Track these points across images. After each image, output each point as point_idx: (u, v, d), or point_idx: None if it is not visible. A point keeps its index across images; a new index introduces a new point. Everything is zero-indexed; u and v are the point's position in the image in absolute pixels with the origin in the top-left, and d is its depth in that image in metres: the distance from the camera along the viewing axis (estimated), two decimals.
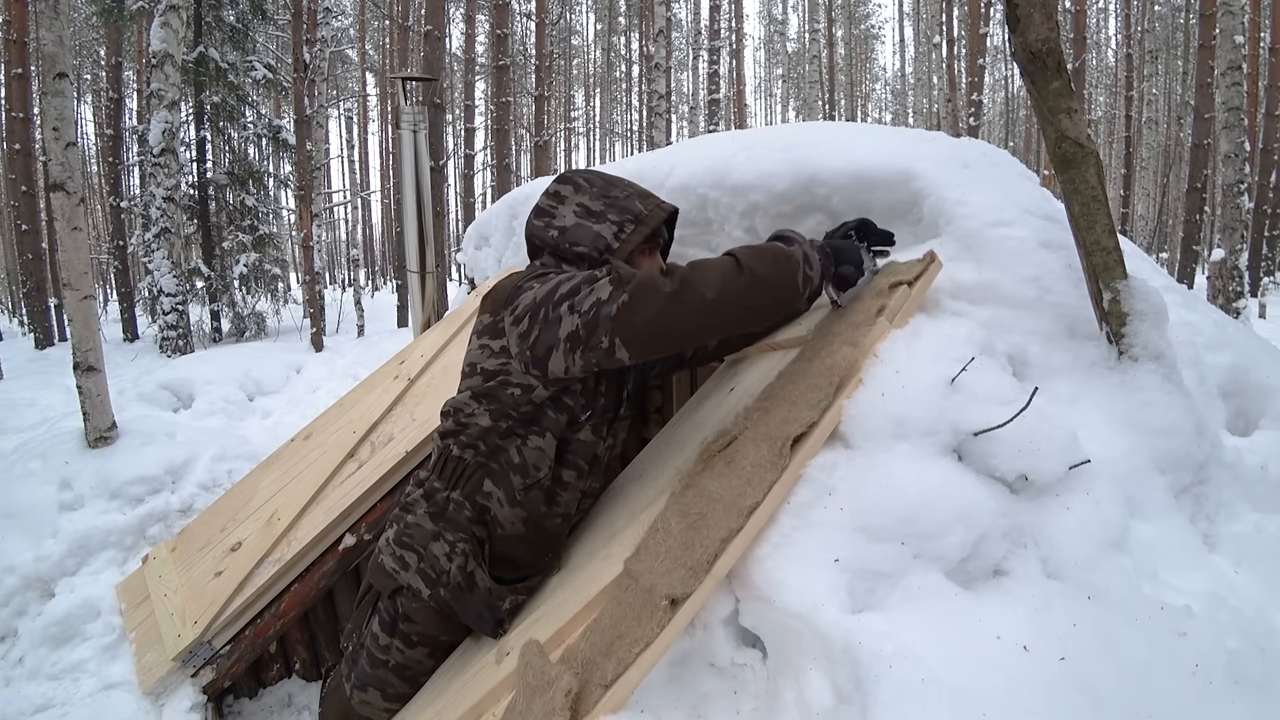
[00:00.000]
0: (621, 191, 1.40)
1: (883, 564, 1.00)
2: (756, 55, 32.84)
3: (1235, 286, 6.84)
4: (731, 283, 1.09)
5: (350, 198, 24.48)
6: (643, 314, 1.08)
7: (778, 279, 1.13)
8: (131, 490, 2.76)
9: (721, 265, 1.11)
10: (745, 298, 1.10)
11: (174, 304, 7.60)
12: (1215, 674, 0.92)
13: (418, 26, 12.75)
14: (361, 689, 1.46)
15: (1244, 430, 1.48)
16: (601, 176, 1.42)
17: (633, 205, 1.38)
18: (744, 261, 1.10)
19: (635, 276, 1.11)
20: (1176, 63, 18.15)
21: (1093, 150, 1.27)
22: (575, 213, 1.37)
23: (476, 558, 1.35)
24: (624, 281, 1.11)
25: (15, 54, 8.56)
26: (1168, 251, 17.37)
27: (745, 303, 1.11)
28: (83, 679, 2.06)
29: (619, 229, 1.35)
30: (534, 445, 1.31)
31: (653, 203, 1.41)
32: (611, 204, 1.37)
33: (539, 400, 1.28)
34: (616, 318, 1.09)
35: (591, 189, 1.40)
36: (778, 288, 1.13)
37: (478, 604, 1.35)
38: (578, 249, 1.35)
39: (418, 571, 1.36)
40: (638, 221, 1.37)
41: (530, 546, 1.39)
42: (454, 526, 1.34)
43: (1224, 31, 6.87)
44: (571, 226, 1.37)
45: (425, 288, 3.12)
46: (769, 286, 1.12)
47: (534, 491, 1.33)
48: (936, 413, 1.10)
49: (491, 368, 1.29)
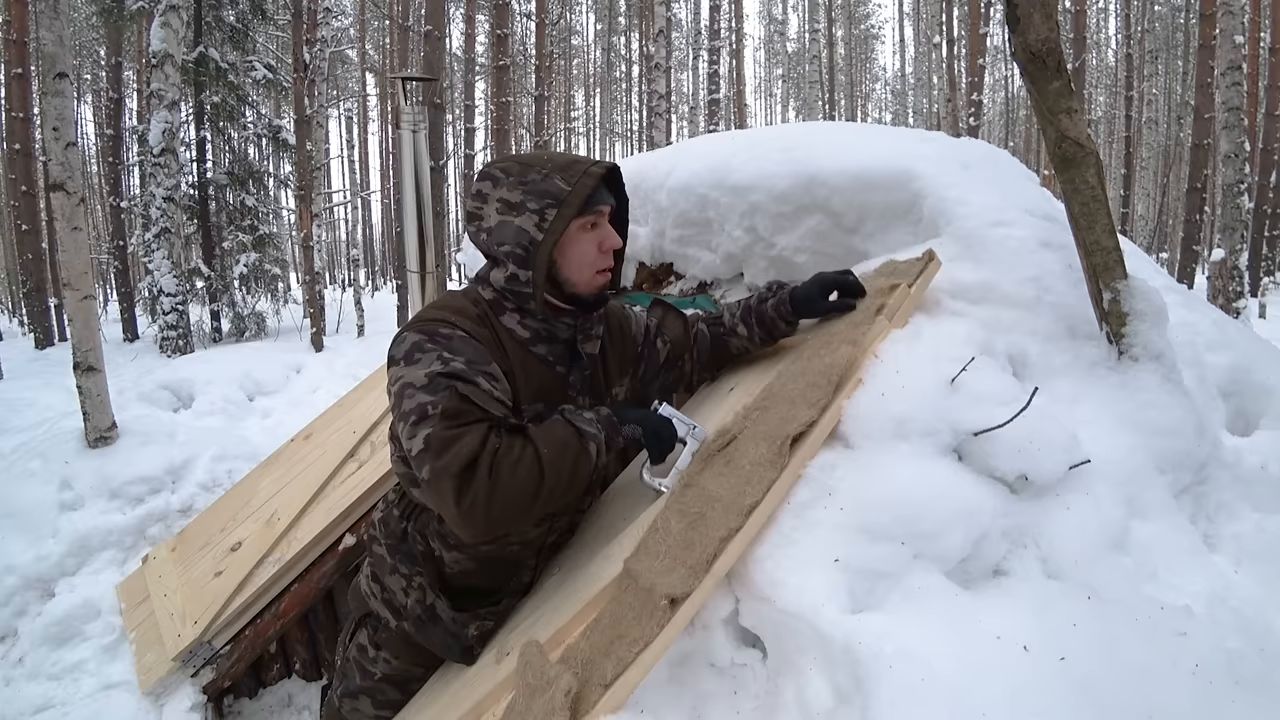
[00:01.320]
0: (539, 172, 1.21)
1: (883, 564, 1.00)
2: (756, 55, 32.86)
3: (1235, 286, 6.84)
4: (527, 503, 1.07)
5: (350, 198, 24.48)
6: (434, 503, 1.09)
7: (572, 482, 1.12)
8: (131, 490, 2.76)
9: (526, 485, 1.07)
10: (537, 508, 1.10)
11: (174, 304, 7.60)
12: (1215, 674, 0.92)
13: (418, 26, 12.75)
14: (352, 697, 1.46)
15: (1244, 430, 1.48)
16: (518, 161, 1.25)
17: (551, 186, 1.19)
18: (548, 480, 1.08)
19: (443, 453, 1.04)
20: (1176, 63, 18.15)
21: (1093, 150, 1.27)
22: (498, 209, 1.22)
23: (434, 589, 1.30)
24: (430, 451, 1.05)
25: (15, 54, 8.57)
26: (1168, 251, 17.37)
27: (534, 510, 1.10)
28: (83, 679, 2.06)
29: (540, 218, 1.19)
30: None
31: (577, 171, 1.21)
32: (529, 190, 1.20)
33: None
34: (422, 486, 1.08)
35: (508, 179, 1.22)
36: (570, 489, 1.13)
37: (442, 634, 1.31)
38: (504, 248, 1.21)
39: (383, 602, 1.35)
40: (559, 203, 1.19)
41: (489, 576, 1.34)
42: (409, 560, 1.30)
43: (1224, 31, 6.87)
44: (496, 226, 1.22)
45: (425, 288, 3.12)
46: (563, 489, 1.11)
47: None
48: (936, 413, 1.10)
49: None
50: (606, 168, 1.25)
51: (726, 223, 1.91)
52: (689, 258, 2.12)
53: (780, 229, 1.80)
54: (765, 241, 1.85)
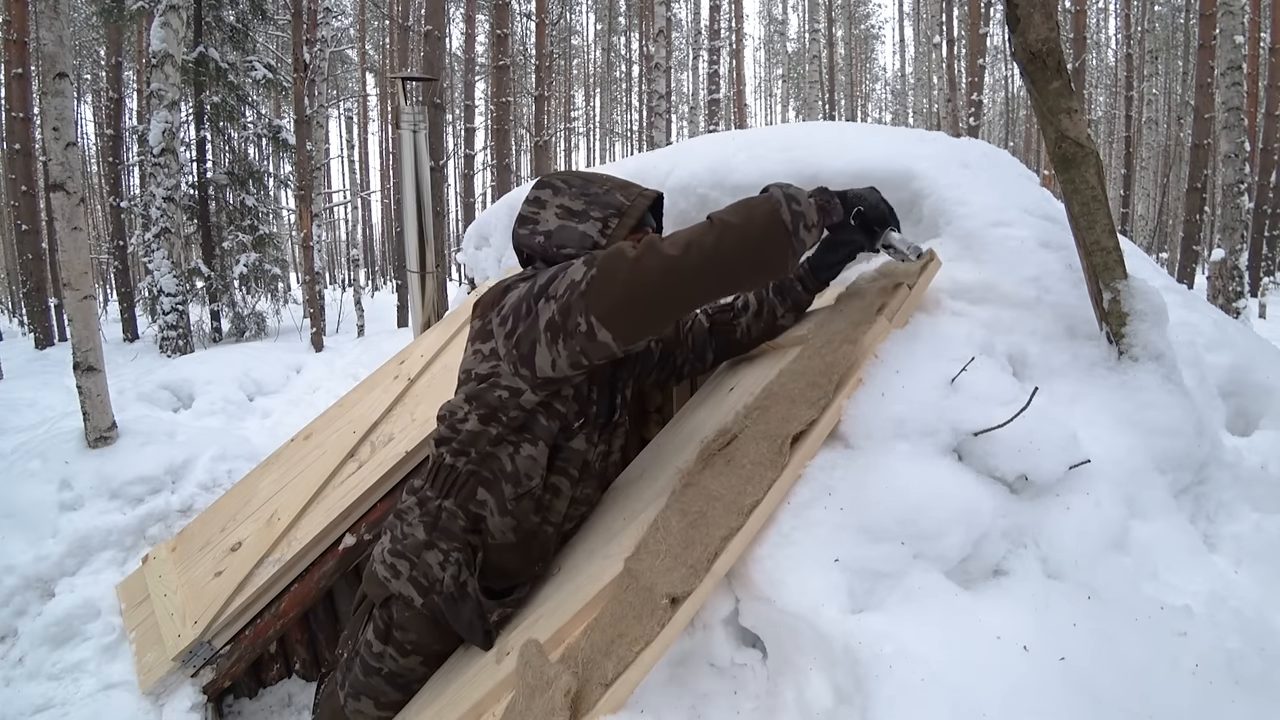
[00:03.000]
0: (600, 187, 1.38)
1: (883, 564, 1.00)
2: (756, 55, 32.86)
3: (1235, 286, 6.84)
4: (701, 236, 1.07)
5: (350, 198, 24.48)
6: (613, 285, 1.07)
7: (751, 223, 1.09)
8: (131, 490, 2.76)
9: (691, 227, 1.10)
10: (719, 249, 1.07)
11: (174, 304, 7.60)
12: (1215, 674, 0.92)
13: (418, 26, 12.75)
14: (355, 697, 1.46)
15: (1244, 430, 1.48)
16: (579, 175, 1.41)
17: (613, 198, 1.36)
18: (714, 216, 1.10)
19: (607, 254, 1.10)
20: (1176, 63, 18.14)
21: (1093, 150, 1.27)
22: (558, 215, 1.36)
23: (470, 567, 1.34)
24: (594, 260, 1.11)
25: (15, 54, 8.56)
26: (1168, 251, 17.37)
27: (720, 255, 1.07)
28: (83, 679, 2.06)
29: (603, 224, 1.34)
30: (526, 454, 1.29)
31: (634, 192, 1.38)
32: (592, 201, 1.36)
33: (529, 406, 1.26)
34: (588, 294, 1.09)
35: (570, 189, 1.38)
36: (755, 233, 1.09)
37: (470, 613, 1.34)
38: (565, 250, 1.34)
39: (409, 580, 1.35)
40: (621, 214, 1.35)
41: (521, 556, 1.38)
42: (448, 536, 1.33)
43: (1224, 31, 6.87)
44: (556, 229, 1.35)
45: (425, 288, 3.12)
46: (744, 233, 1.08)
47: (525, 500, 1.32)
48: (936, 413, 1.10)
49: (483, 371, 1.28)
50: (655, 195, 1.40)
51: None
52: None
53: None
54: None
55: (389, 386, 2.43)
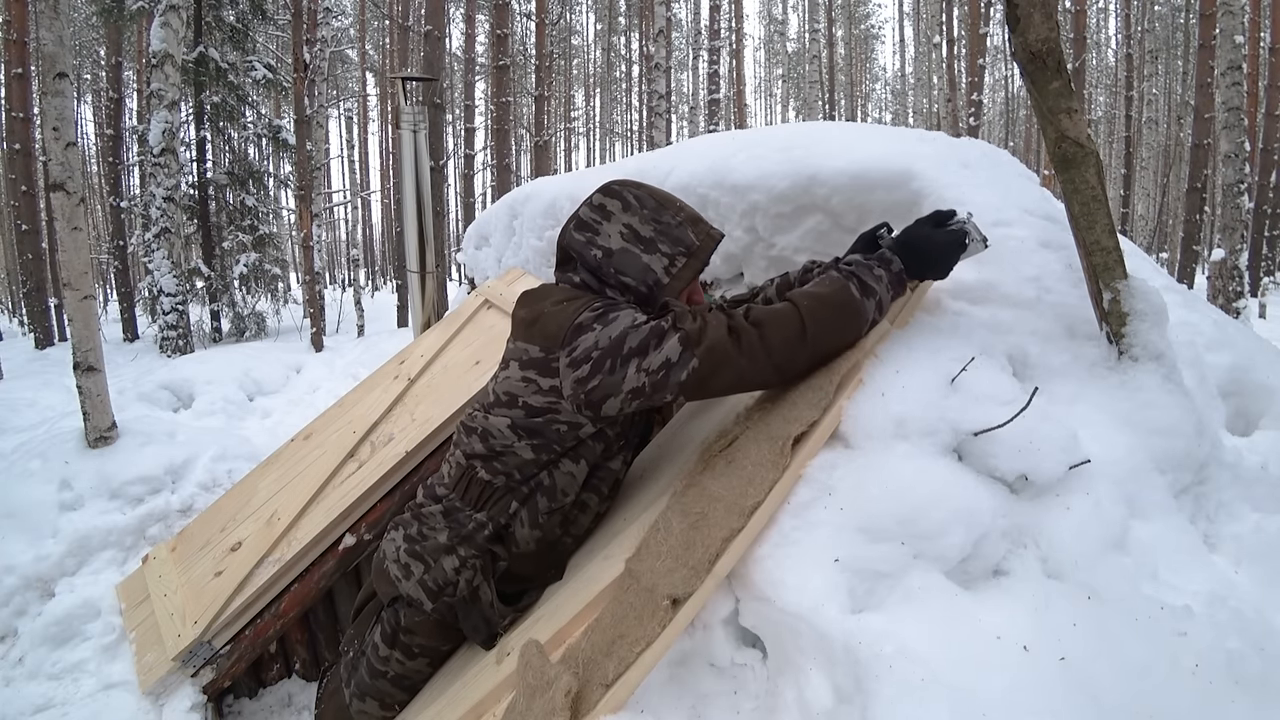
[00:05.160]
0: (674, 217, 1.28)
1: (883, 564, 1.00)
2: (756, 55, 32.85)
3: (1235, 286, 6.84)
4: (793, 349, 1.12)
5: (350, 198, 24.47)
6: (712, 379, 1.12)
7: (842, 341, 1.15)
8: (131, 490, 2.76)
9: (786, 329, 1.11)
10: (803, 360, 1.14)
11: (174, 304, 7.60)
12: (1215, 674, 0.92)
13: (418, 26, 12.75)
14: (360, 698, 1.46)
15: (1244, 430, 1.48)
16: (653, 196, 1.30)
17: (685, 235, 1.27)
18: (809, 327, 1.11)
19: (704, 337, 1.11)
20: (1176, 63, 18.14)
21: (1093, 150, 1.27)
22: (622, 234, 1.26)
23: (485, 573, 1.34)
24: (693, 343, 1.11)
25: (15, 54, 8.56)
26: (1168, 251, 17.37)
27: (802, 363, 1.15)
28: (83, 679, 2.06)
29: (670, 262, 1.26)
30: (566, 470, 1.29)
31: (704, 230, 1.30)
32: (663, 231, 1.26)
33: (584, 436, 1.27)
34: (686, 383, 1.12)
35: (642, 210, 1.27)
36: (840, 347, 1.16)
37: (478, 617, 1.35)
38: (624, 279, 1.26)
39: (419, 582, 1.35)
40: (690, 255, 1.27)
41: (538, 564, 1.39)
42: (470, 544, 1.33)
43: (1224, 31, 6.87)
44: (618, 251, 1.26)
45: (425, 288, 3.12)
46: (831, 349, 1.15)
47: (555, 515, 1.33)
48: (936, 413, 1.10)
49: (537, 404, 1.24)
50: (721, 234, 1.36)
51: (726, 222, 1.91)
52: None
53: (780, 229, 1.80)
54: (765, 241, 1.85)
55: (389, 386, 2.43)
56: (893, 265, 1.18)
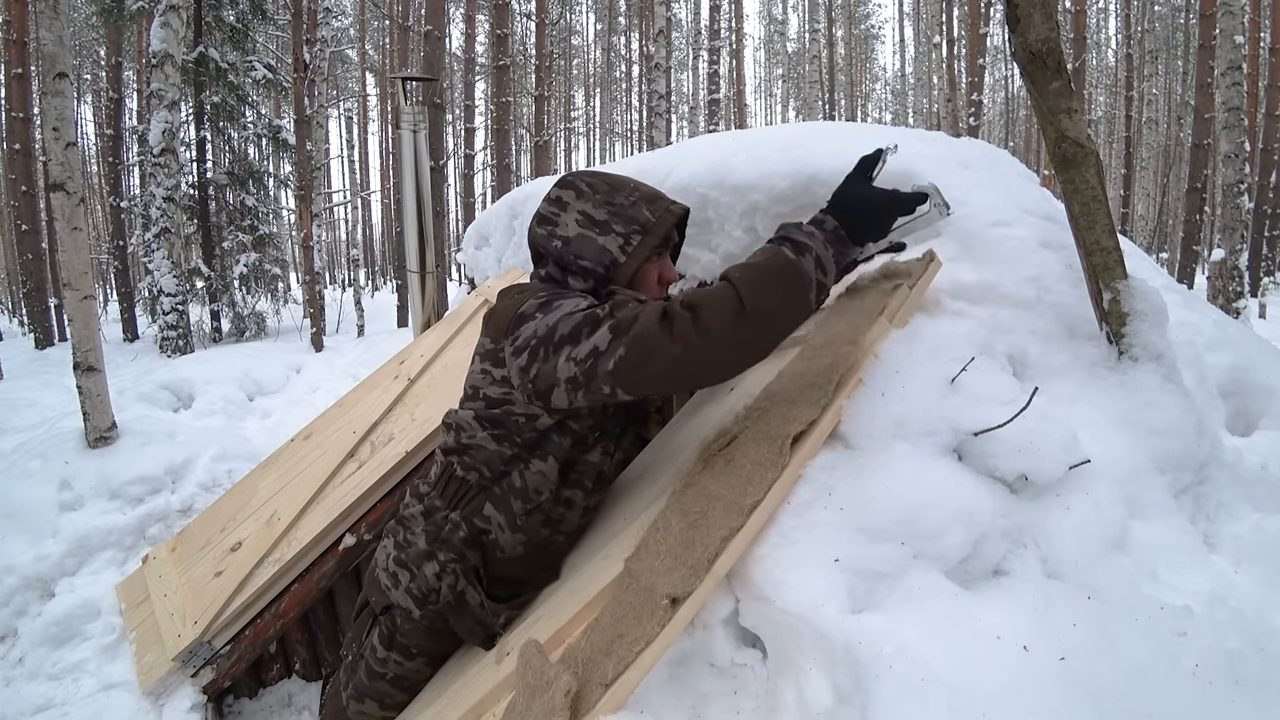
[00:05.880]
0: (627, 197, 1.29)
1: (883, 564, 1.00)
2: (756, 55, 32.86)
3: (1235, 286, 6.84)
4: (734, 327, 1.00)
5: (350, 198, 24.49)
6: (641, 369, 1.03)
7: (786, 308, 1.03)
8: (131, 490, 2.76)
9: (722, 307, 1.00)
10: (751, 337, 1.02)
11: (174, 304, 7.60)
12: (1215, 674, 0.92)
13: (418, 26, 12.75)
14: (359, 699, 1.46)
15: (1244, 430, 1.48)
16: (605, 180, 1.32)
17: (639, 213, 1.28)
18: (746, 299, 1.00)
19: (633, 323, 1.03)
20: (1176, 63, 18.15)
21: (1093, 150, 1.27)
22: (578, 221, 1.28)
23: (468, 577, 1.33)
24: (621, 330, 1.04)
25: (15, 54, 8.56)
26: (1168, 251, 17.37)
27: (751, 341, 1.03)
28: (83, 679, 2.06)
29: (625, 241, 1.27)
30: (536, 469, 1.28)
31: (661, 206, 1.30)
32: (616, 212, 1.28)
33: (544, 427, 1.25)
34: (614, 371, 1.04)
35: (595, 195, 1.30)
36: (787, 316, 1.04)
37: (470, 620, 1.34)
38: (582, 263, 1.27)
39: (407, 591, 1.35)
40: (645, 231, 1.27)
41: (529, 566, 1.38)
42: (448, 547, 1.33)
43: (1224, 31, 6.87)
44: (575, 238, 1.28)
45: (425, 288, 3.12)
46: (778, 318, 1.03)
47: (534, 515, 1.31)
48: (936, 413, 1.10)
49: (495, 395, 1.25)
50: (684, 209, 1.33)
51: (726, 223, 1.91)
52: (689, 257, 2.12)
53: None
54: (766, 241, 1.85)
55: (389, 386, 2.43)
56: (826, 224, 1.10)
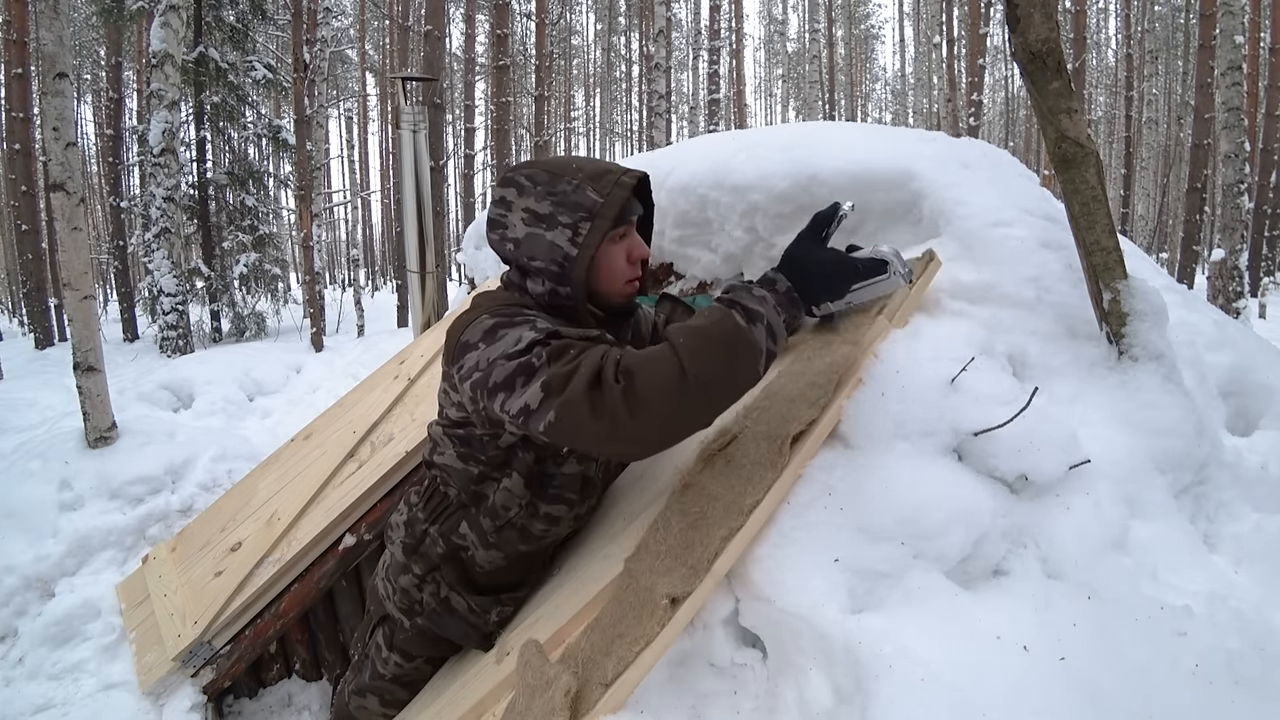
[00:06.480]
0: (569, 182, 1.16)
1: (883, 564, 1.00)
2: (756, 55, 32.86)
3: (1235, 286, 6.85)
4: (672, 396, 0.91)
5: (350, 198, 24.50)
6: (573, 437, 0.97)
7: (732, 377, 0.95)
8: (131, 490, 2.76)
9: (661, 374, 0.92)
10: (690, 408, 0.93)
11: (174, 304, 7.60)
12: (1215, 674, 0.92)
13: (418, 26, 12.76)
14: (360, 694, 1.48)
15: (1244, 430, 1.48)
16: (545, 169, 1.20)
17: (583, 198, 1.15)
18: (689, 366, 0.91)
19: (566, 387, 0.94)
20: (1176, 63, 18.15)
21: (1093, 150, 1.27)
22: (524, 220, 1.18)
23: (450, 584, 1.32)
24: (553, 391, 0.95)
25: (15, 54, 8.56)
26: (1168, 251, 17.37)
27: (688, 413, 0.94)
28: (83, 679, 2.06)
29: (573, 232, 1.15)
30: (504, 487, 1.25)
31: (608, 182, 1.16)
32: (560, 201, 1.16)
33: (506, 444, 1.22)
34: (548, 433, 0.97)
35: (536, 188, 1.18)
36: (732, 386, 0.96)
37: (460, 624, 1.34)
38: (535, 264, 1.18)
39: (396, 604, 1.37)
40: (593, 215, 1.15)
41: (513, 572, 1.37)
42: (424, 560, 1.32)
43: (1224, 31, 6.87)
44: (524, 238, 1.18)
45: (425, 288, 3.12)
46: (721, 389, 0.95)
47: (506, 532, 1.29)
48: (936, 412, 1.10)
49: (455, 417, 1.24)
50: (637, 178, 1.21)
51: (726, 223, 1.91)
52: (689, 258, 2.12)
53: (780, 229, 1.80)
54: (765, 241, 1.85)
55: (389, 386, 2.43)
56: (778, 285, 1.04)
